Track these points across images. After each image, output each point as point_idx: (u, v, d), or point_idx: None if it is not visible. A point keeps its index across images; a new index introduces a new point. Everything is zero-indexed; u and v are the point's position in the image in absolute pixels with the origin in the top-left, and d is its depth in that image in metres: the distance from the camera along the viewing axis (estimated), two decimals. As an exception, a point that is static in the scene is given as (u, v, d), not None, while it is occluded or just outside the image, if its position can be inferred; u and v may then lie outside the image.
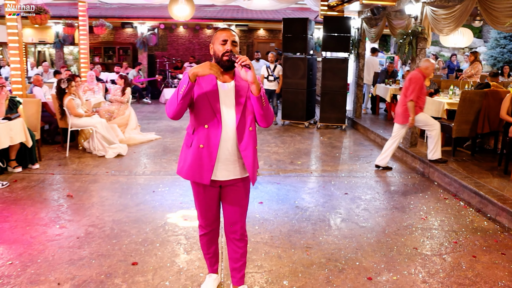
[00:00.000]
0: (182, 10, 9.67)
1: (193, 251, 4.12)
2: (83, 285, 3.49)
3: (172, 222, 4.78)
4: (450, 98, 8.20)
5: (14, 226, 4.60)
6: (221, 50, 2.79)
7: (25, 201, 5.39)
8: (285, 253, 4.11)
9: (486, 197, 5.30)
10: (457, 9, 6.71)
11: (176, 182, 6.17)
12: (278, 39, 19.13)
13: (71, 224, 4.70)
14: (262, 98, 2.79)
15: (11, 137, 6.24)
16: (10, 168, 6.61)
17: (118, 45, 18.52)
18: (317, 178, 6.61)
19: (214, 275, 3.42)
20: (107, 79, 14.37)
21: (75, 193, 5.71)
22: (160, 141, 9.04)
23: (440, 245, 4.39)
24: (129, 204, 5.34)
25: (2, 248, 4.09)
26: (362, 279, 3.67)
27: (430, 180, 6.64)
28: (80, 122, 7.70)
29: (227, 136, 2.85)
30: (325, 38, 10.64)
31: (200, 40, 19.35)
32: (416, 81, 6.51)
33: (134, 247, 4.17)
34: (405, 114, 6.69)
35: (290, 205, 5.39)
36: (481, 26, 18.66)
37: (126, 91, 9.05)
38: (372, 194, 5.89)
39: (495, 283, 3.67)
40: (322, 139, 9.61)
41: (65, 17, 14.19)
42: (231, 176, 2.95)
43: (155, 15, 17.02)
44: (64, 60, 17.62)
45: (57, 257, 3.95)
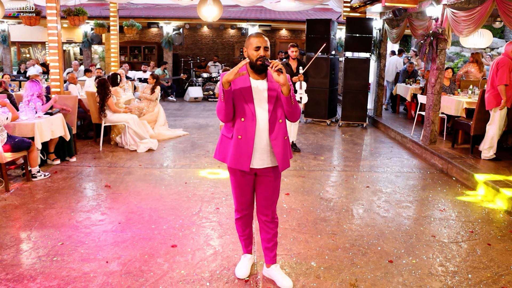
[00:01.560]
0: (210, 11, 10.04)
1: (226, 235, 4.47)
2: (129, 263, 3.86)
3: (206, 210, 5.15)
4: (469, 97, 8.42)
5: (60, 212, 5.01)
6: (255, 55, 3.14)
7: (67, 190, 5.81)
8: (311, 238, 4.44)
9: (502, 191, 5.56)
10: (477, 11, 6.94)
11: (206, 175, 6.53)
12: (300, 39, 19.41)
13: (112, 211, 5.09)
14: (291, 98, 3.15)
15: (52, 131, 6.68)
16: (49, 160, 7.04)
17: (143, 45, 18.99)
18: (339, 173, 6.92)
19: (249, 255, 3.77)
20: (135, 77, 14.85)
21: (112, 183, 6.11)
22: (188, 137, 9.43)
23: (457, 233, 4.68)
24: (164, 194, 5.72)
25: (53, 231, 4.49)
26: (384, 261, 3.99)
27: (449, 175, 6.90)
28: (114, 118, 8.13)
29: (261, 128, 3.21)
30: (348, 39, 10.93)
31: (224, 40, 19.74)
32: (504, 65, 6.78)
33: (172, 232, 4.53)
34: (493, 98, 6.92)
35: (315, 197, 5.72)
36: (503, 26, 18.66)
37: (156, 89, 9.46)
38: (392, 188, 6.18)
39: (507, 267, 3.96)
40: (343, 136, 9.90)
41: (96, 17, 14.68)
42: (265, 165, 3.30)
43: (180, 15, 17.43)
44: (91, 59, 18.17)
45: (102, 239, 4.33)
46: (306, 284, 3.56)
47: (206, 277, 3.65)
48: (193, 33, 19.54)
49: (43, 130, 6.44)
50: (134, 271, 3.71)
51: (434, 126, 8.19)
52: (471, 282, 3.67)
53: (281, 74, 3.00)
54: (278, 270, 3.59)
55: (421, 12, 9.00)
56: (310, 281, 3.61)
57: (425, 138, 8.33)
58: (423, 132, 8.48)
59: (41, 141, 6.39)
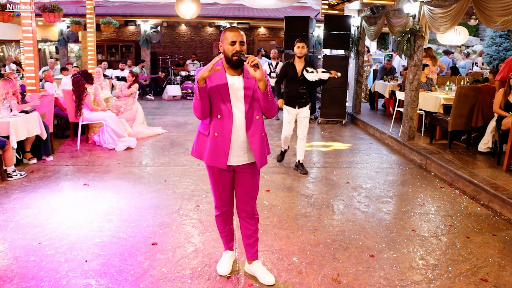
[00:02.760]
0: (188, 8, 9.97)
1: (207, 232, 4.43)
2: (108, 262, 3.79)
3: (186, 208, 5.10)
4: (446, 93, 8.54)
5: (37, 212, 4.90)
6: (231, 50, 3.08)
7: (43, 189, 5.69)
8: (293, 234, 4.44)
9: (479, 185, 5.65)
10: (453, 8, 7.03)
11: (186, 172, 6.48)
12: (279, 37, 19.44)
13: (90, 210, 5.00)
14: (268, 93, 3.12)
15: (28, 130, 6.55)
16: (25, 159, 6.90)
17: (121, 43, 18.78)
18: (319, 169, 6.93)
19: (230, 252, 3.74)
20: (112, 75, 14.67)
21: (90, 182, 6.02)
22: (167, 135, 9.35)
23: (437, 227, 4.73)
24: (143, 192, 5.65)
25: (30, 231, 4.39)
26: (365, 256, 4.01)
27: (427, 170, 6.98)
28: (91, 116, 8.01)
29: (238, 125, 3.17)
30: (326, 36, 10.97)
31: (202, 38, 19.64)
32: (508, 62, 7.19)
33: (152, 230, 4.48)
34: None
35: (296, 193, 5.72)
36: (477, 24, 19.01)
37: (132, 86, 9.35)
38: (372, 184, 6.22)
39: (486, 259, 4.02)
40: (323, 133, 9.94)
41: (72, 15, 14.45)
42: (242, 161, 3.27)
43: (158, 13, 17.28)
44: (67, 57, 17.88)
45: (81, 239, 4.25)
46: (288, 280, 3.55)
47: (187, 274, 3.61)
48: (171, 31, 19.40)
49: (18, 129, 6.29)
50: (114, 270, 3.65)
51: (412, 122, 8.27)
52: (451, 275, 3.71)
53: (257, 70, 2.96)
54: (260, 266, 3.57)
55: (399, 9, 9.08)
56: (292, 277, 3.60)
57: (403, 134, 8.41)
58: (402, 129, 8.56)
59: (16, 139, 6.24)
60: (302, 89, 6.35)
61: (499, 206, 5.25)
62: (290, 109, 6.47)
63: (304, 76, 6.27)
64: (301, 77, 6.29)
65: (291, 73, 6.35)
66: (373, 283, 3.54)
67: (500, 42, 17.92)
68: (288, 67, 6.40)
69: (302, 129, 6.56)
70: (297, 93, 6.36)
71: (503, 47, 17.76)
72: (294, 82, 6.35)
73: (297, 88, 6.36)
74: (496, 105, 6.81)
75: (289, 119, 6.54)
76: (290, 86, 6.39)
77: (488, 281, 3.62)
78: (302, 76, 6.28)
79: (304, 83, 6.34)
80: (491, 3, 6.23)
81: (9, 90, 6.68)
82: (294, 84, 6.35)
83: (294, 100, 6.38)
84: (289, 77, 6.37)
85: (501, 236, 4.56)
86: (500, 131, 6.64)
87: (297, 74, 6.31)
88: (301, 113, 6.46)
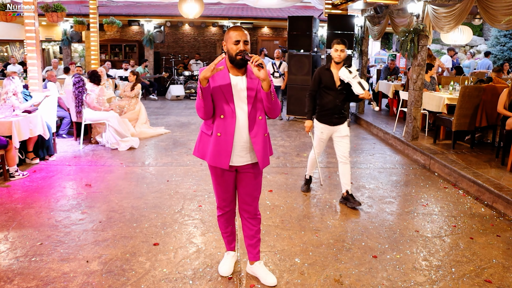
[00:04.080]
0: (191, 8, 9.96)
1: (209, 233, 4.42)
2: (110, 262, 3.78)
3: (188, 208, 5.08)
4: (450, 93, 8.50)
5: (39, 212, 4.90)
6: (235, 49, 3.06)
7: (46, 189, 5.69)
8: (295, 235, 4.41)
9: (483, 185, 5.61)
10: (457, 8, 6.99)
11: (188, 173, 6.47)
12: (282, 37, 19.41)
13: (93, 210, 4.99)
14: (271, 93, 3.09)
15: (30, 130, 6.55)
16: (28, 159, 6.89)
17: (124, 43, 18.79)
18: (322, 169, 6.90)
19: (232, 253, 3.72)
20: (116, 75, 14.68)
21: (93, 182, 6.01)
22: (170, 135, 9.34)
23: (440, 228, 4.70)
24: (146, 192, 5.64)
25: (31, 231, 4.39)
26: (368, 257, 3.98)
27: (431, 171, 6.94)
28: (94, 116, 8.01)
29: (241, 125, 3.15)
30: (329, 36, 10.93)
31: (205, 38, 19.63)
32: None
33: (154, 230, 4.46)
34: None
35: (298, 193, 5.70)
36: (482, 24, 18.94)
37: (136, 87, 9.35)
38: (375, 184, 6.19)
39: (489, 260, 3.98)
40: (326, 133, 9.90)
41: (76, 15, 14.47)
42: (245, 162, 3.25)
43: (161, 13, 17.30)
44: (71, 57, 17.91)
45: (83, 239, 4.24)
46: (290, 281, 3.53)
47: (189, 275, 3.60)
48: (174, 31, 19.40)
49: (21, 129, 6.29)
50: (115, 271, 3.64)
51: (416, 122, 8.23)
52: (455, 276, 3.68)
53: (261, 69, 2.94)
54: (262, 267, 3.55)
55: (402, 9, 9.04)
56: (294, 278, 3.58)
57: (407, 134, 8.37)
58: (405, 129, 8.53)
59: (19, 139, 6.24)
60: (340, 102, 5.18)
61: (503, 206, 5.21)
62: (324, 126, 5.28)
63: (343, 86, 5.10)
64: (340, 87, 5.12)
65: (327, 81, 5.14)
66: (376, 284, 3.51)
67: (504, 42, 17.83)
68: (323, 74, 5.19)
69: (342, 150, 5.28)
70: (334, 106, 5.17)
71: (508, 47, 17.67)
72: (331, 93, 5.14)
73: (334, 101, 5.16)
74: (501, 105, 6.77)
75: (322, 138, 5.38)
76: (326, 98, 5.19)
77: (492, 283, 3.59)
78: (341, 86, 5.12)
79: (343, 94, 5.16)
80: (495, 3, 6.19)
81: (8, 90, 6.68)
82: (330, 96, 5.15)
83: (330, 115, 5.20)
84: (324, 87, 5.18)
85: (505, 237, 4.52)
86: (504, 131, 6.60)
87: (335, 83, 5.12)
88: (338, 132, 5.26)
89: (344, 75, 4.99)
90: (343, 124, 5.27)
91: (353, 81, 4.94)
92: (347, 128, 5.30)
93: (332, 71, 5.13)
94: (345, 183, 5.29)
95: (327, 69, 5.16)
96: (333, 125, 5.25)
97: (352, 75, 4.96)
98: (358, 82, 4.91)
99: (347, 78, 4.96)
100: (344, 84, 5.05)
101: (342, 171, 5.31)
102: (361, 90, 4.86)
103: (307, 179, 5.83)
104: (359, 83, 4.90)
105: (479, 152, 7.38)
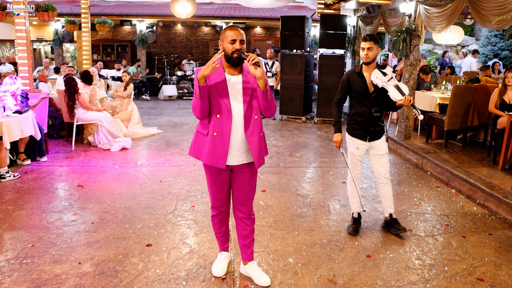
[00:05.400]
0: (184, 8, 9.94)
1: (202, 233, 4.40)
2: (102, 264, 3.76)
3: (181, 208, 5.07)
4: (442, 93, 8.53)
5: (30, 214, 4.86)
6: (231, 48, 3.06)
7: (37, 191, 5.65)
8: (289, 234, 4.41)
9: (475, 184, 5.64)
10: (448, 8, 7.02)
11: (181, 173, 6.44)
12: (275, 37, 19.41)
13: (85, 211, 4.96)
14: (267, 92, 3.10)
15: (21, 130, 6.49)
16: (19, 160, 6.84)
17: (116, 43, 18.70)
18: (315, 169, 6.91)
19: (225, 253, 3.71)
20: (108, 75, 14.62)
21: (85, 183, 5.97)
22: (162, 135, 9.31)
23: (433, 227, 4.71)
24: (138, 192, 5.62)
25: (22, 233, 4.35)
26: (361, 256, 3.99)
27: (424, 170, 6.97)
28: (86, 117, 7.96)
29: (237, 124, 3.15)
30: (322, 36, 10.94)
31: (198, 38, 19.59)
32: None
33: (147, 231, 4.44)
34: None
35: (292, 193, 5.70)
36: (473, 24, 19.05)
37: (128, 87, 9.31)
38: (368, 183, 6.20)
39: (482, 258, 4.01)
40: (319, 133, 9.92)
41: (67, 15, 14.39)
42: (240, 161, 3.25)
43: (154, 13, 17.24)
44: (63, 57, 17.81)
45: (75, 240, 4.22)
46: (284, 281, 3.53)
47: (182, 276, 3.58)
48: (167, 31, 19.35)
49: (11, 129, 6.23)
50: (108, 272, 3.62)
51: (408, 121, 8.26)
52: (448, 275, 3.69)
53: (258, 68, 2.94)
54: (255, 267, 3.55)
55: (395, 8, 9.07)
56: (288, 278, 3.58)
57: (400, 134, 8.40)
58: (398, 128, 8.55)
59: (10, 140, 6.18)
60: (377, 111, 4.32)
61: (495, 205, 5.24)
62: (358, 142, 4.42)
63: (378, 92, 4.25)
64: (375, 94, 4.26)
65: (358, 88, 4.30)
66: (369, 284, 3.51)
67: (495, 42, 17.95)
68: (353, 80, 4.35)
69: (382, 171, 4.45)
70: (369, 118, 4.31)
71: (498, 47, 17.79)
72: (364, 102, 4.29)
73: (369, 111, 4.29)
74: (492, 105, 6.81)
75: (358, 155, 4.48)
76: (358, 108, 4.34)
77: (484, 281, 3.61)
78: (375, 92, 4.26)
79: (378, 102, 4.30)
80: (486, 3, 6.22)
81: (8, 90, 6.63)
82: (364, 105, 4.30)
83: (365, 128, 4.35)
84: (355, 95, 4.35)
85: (497, 235, 4.55)
86: (495, 130, 6.64)
87: (369, 89, 4.27)
88: (375, 149, 4.42)
89: (376, 78, 4.17)
90: (381, 139, 4.40)
91: (388, 85, 4.13)
92: (385, 144, 4.43)
93: (364, 74, 4.28)
94: (387, 206, 4.53)
95: (357, 73, 4.32)
96: (368, 141, 4.39)
97: (387, 77, 4.17)
98: (395, 85, 4.13)
99: (381, 82, 4.15)
100: (379, 90, 4.22)
101: (383, 193, 4.52)
102: (399, 95, 4.07)
103: (355, 218, 4.63)
104: (397, 86, 4.12)
105: (471, 151, 7.42)
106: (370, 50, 4.15)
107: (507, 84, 6.67)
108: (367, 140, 4.37)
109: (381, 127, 4.38)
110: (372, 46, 4.13)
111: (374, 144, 4.37)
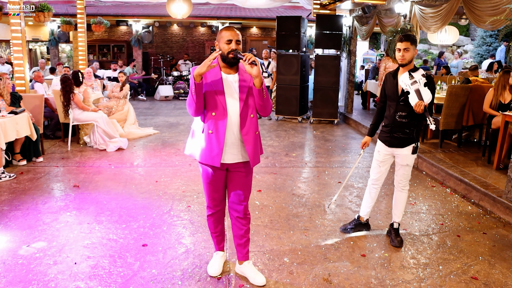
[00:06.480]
0: (180, 8, 9.95)
1: (198, 233, 4.41)
2: (98, 264, 3.76)
3: (177, 208, 5.07)
4: (437, 93, 8.56)
5: (26, 214, 4.85)
6: (226, 48, 3.09)
7: (33, 191, 5.64)
8: (284, 234, 4.42)
9: (470, 184, 5.67)
10: (443, 8, 7.05)
11: (177, 173, 6.45)
12: (271, 37, 19.43)
13: (80, 212, 4.96)
14: (263, 91, 3.13)
15: (17, 131, 6.48)
16: (15, 161, 6.83)
17: (112, 43, 18.69)
18: (311, 169, 6.93)
19: (221, 253, 3.72)
20: (104, 76, 14.60)
21: (81, 183, 5.97)
22: (158, 135, 9.31)
23: (428, 226, 4.74)
24: (134, 193, 5.62)
25: (18, 233, 4.35)
26: (357, 255, 4.01)
27: (419, 169, 7.00)
28: (82, 117, 7.95)
29: (232, 122, 3.17)
30: (318, 36, 10.96)
31: (194, 38, 19.59)
32: None
33: (142, 231, 4.45)
34: None
35: (287, 193, 5.71)
36: (468, 24, 19.13)
37: (124, 87, 9.31)
38: (364, 183, 6.22)
39: (476, 257, 4.03)
40: (315, 133, 9.94)
41: (63, 15, 14.37)
42: (236, 160, 3.26)
43: (150, 13, 17.23)
44: (59, 58, 17.78)
45: (71, 241, 4.21)
46: (279, 280, 3.54)
47: (177, 275, 3.59)
48: (163, 31, 19.34)
49: (7, 130, 6.23)
50: (104, 272, 3.62)
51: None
52: (442, 273, 3.71)
53: (254, 66, 2.97)
54: (250, 266, 3.56)
55: (390, 9, 9.10)
56: (283, 277, 3.59)
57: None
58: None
59: (5, 141, 6.18)
60: (402, 116, 4.05)
61: (490, 204, 5.27)
62: (380, 145, 4.27)
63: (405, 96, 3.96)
64: (402, 97, 4.01)
65: (389, 90, 4.14)
66: (364, 283, 3.53)
67: (490, 42, 18.04)
68: (387, 81, 4.20)
69: (399, 179, 4.25)
70: (393, 122, 4.11)
71: (493, 47, 17.87)
72: (391, 104, 4.13)
73: (393, 115, 4.10)
74: (487, 105, 6.84)
75: (378, 160, 4.31)
76: (387, 111, 4.23)
77: (478, 279, 3.63)
78: (403, 96, 4.01)
79: (405, 106, 4.01)
80: (480, 3, 6.26)
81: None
82: (391, 108, 4.14)
83: (388, 132, 4.16)
84: (387, 96, 4.22)
85: (491, 234, 4.58)
86: (490, 130, 6.67)
87: (398, 92, 4.06)
88: (397, 157, 4.19)
89: (403, 81, 3.95)
90: (405, 148, 4.09)
91: (411, 89, 3.88)
92: (410, 156, 4.11)
93: (398, 77, 4.07)
94: (395, 213, 4.34)
95: (393, 74, 4.14)
96: (389, 146, 4.18)
97: (412, 80, 3.89)
98: (416, 90, 3.85)
99: (405, 86, 3.92)
100: (406, 94, 3.95)
101: (394, 197, 4.34)
102: (416, 100, 3.82)
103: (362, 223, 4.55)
104: (417, 91, 3.84)
105: (466, 151, 7.46)
106: (407, 51, 3.93)
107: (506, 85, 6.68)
108: (388, 145, 4.18)
109: (408, 135, 4.06)
110: (408, 46, 3.91)
111: (396, 152, 4.15)
